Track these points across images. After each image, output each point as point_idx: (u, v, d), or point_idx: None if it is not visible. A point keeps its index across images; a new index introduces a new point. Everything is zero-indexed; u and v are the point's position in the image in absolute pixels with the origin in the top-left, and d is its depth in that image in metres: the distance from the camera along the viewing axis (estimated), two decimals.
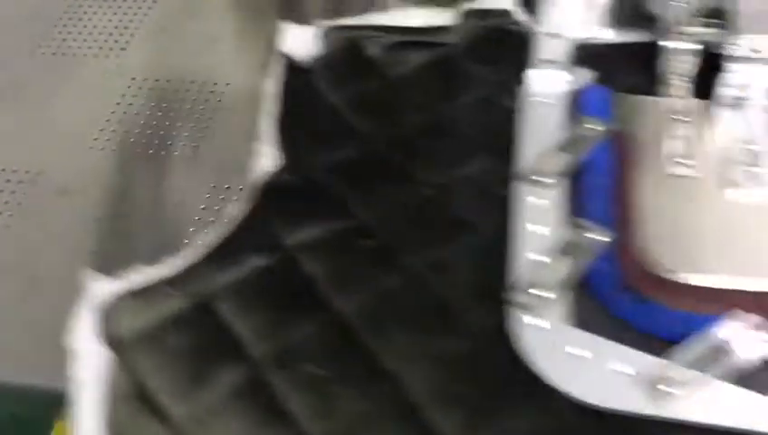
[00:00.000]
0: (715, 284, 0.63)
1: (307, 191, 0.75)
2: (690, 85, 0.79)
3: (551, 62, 0.82)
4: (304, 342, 0.64)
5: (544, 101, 0.79)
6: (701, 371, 0.58)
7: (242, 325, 0.65)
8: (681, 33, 0.78)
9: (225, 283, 0.68)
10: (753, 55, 0.73)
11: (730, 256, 0.65)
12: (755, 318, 0.59)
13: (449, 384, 0.60)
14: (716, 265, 0.64)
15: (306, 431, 0.59)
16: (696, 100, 0.78)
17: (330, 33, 0.88)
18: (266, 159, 0.76)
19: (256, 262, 0.69)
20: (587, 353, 0.60)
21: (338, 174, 0.76)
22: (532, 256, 0.66)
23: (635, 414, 0.57)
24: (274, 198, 0.74)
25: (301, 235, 0.71)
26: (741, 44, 0.73)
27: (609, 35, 0.86)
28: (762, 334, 0.58)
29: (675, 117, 0.76)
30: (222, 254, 0.70)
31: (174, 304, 0.66)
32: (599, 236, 0.67)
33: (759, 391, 0.57)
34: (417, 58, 0.87)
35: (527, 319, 0.63)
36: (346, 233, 0.71)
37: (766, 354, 0.58)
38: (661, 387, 0.57)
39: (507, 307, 0.64)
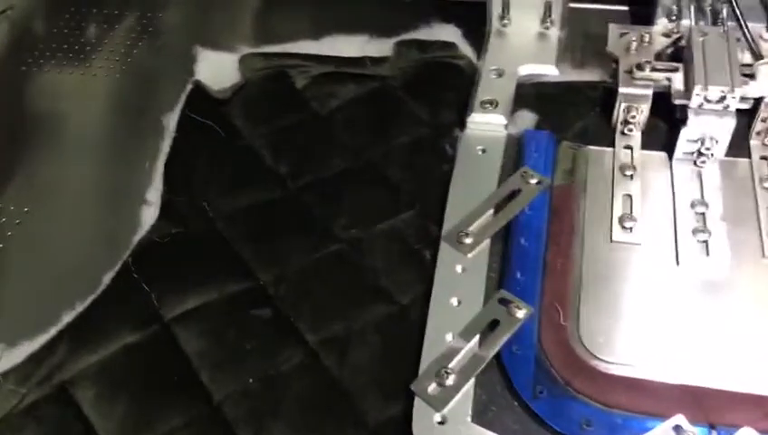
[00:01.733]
0: (639, 375, 0.55)
1: (198, 247, 0.67)
2: (641, 135, 0.71)
3: (492, 103, 0.73)
4: None
5: (482, 148, 0.71)
6: None
7: (102, 418, 0.57)
8: (637, 78, 0.70)
9: (87, 365, 0.59)
10: (711, 106, 0.65)
11: (673, 347, 0.57)
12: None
13: None
14: (643, 353, 0.56)
15: None
16: (649, 152, 0.69)
17: (252, 61, 0.80)
18: (152, 209, 0.68)
19: (126, 338, 0.61)
20: None
21: (240, 224, 0.68)
22: (447, 336, 0.58)
23: None
24: (156, 258, 0.66)
25: (182, 303, 0.63)
26: (699, 94, 0.65)
27: (559, 74, 0.77)
28: None
29: (624, 172, 0.68)
30: (87, 330, 0.61)
31: (22, 397, 0.58)
32: (522, 313, 0.59)
33: None
34: (348, 92, 0.79)
35: (429, 413, 0.54)
36: (238, 299, 0.63)
37: None
38: None
39: (410, 398, 0.56)
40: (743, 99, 0.65)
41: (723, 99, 0.64)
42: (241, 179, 0.71)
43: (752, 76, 0.66)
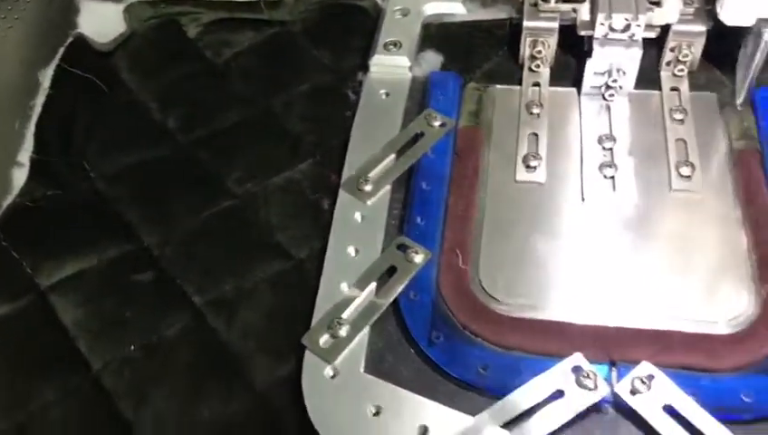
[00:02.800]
0: (539, 316, 0.52)
1: (77, 210, 0.62)
2: (548, 71, 0.67)
3: (396, 45, 0.70)
4: (48, 414, 0.52)
5: (385, 92, 0.67)
6: (521, 430, 0.47)
7: None
8: (543, 11, 0.66)
9: None
10: (616, 36, 0.62)
11: (572, 286, 0.54)
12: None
13: None
14: (545, 294, 0.53)
15: None
16: (558, 89, 0.66)
17: (138, 10, 0.75)
18: (24, 171, 0.63)
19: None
20: (382, 413, 0.49)
21: (125, 184, 0.64)
22: (342, 286, 0.55)
23: None
24: (30, 224, 0.61)
25: (59, 270, 0.58)
26: (603, 23, 0.61)
27: (465, 12, 0.73)
28: (595, 379, 0.47)
29: (530, 110, 0.65)
30: None
31: None
32: (420, 258, 0.55)
33: None
34: (244, 40, 0.75)
35: (319, 367, 0.51)
36: (119, 264, 0.59)
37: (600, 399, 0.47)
38: None
39: (302, 356, 0.52)
40: (648, 27, 0.62)
41: (628, 27, 0.61)
42: (126, 136, 0.67)
43: (657, 3, 0.63)
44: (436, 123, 0.64)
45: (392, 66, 0.68)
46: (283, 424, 0.50)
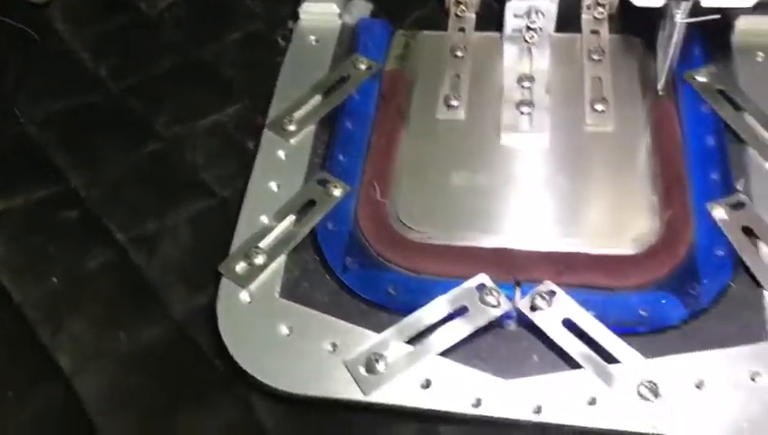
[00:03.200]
0: (451, 243, 0.53)
1: (7, 154, 0.63)
2: (474, 16, 0.69)
3: None
4: None
5: (314, 38, 0.68)
6: (418, 346, 0.48)
7: None
8: None
9: None
10: None
11: (480, 213, 0.55)
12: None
13: (125, 382, 0.50)
14: (458, 223, 0.55)
15: None
16: (480, 33, 0.68)
17: None
18: None
19: None
20: (294, 332, 0.50)
21: (55, 129, 0.65)
22: (262, 218, 0.56)
23: (334, 401, 0.47)
24: None
25: None
26: None
27: None
28: (498, 296, 0.49)
29: (455, 54, 0.66)
30: None
31: None
32: (338, 192, 0.57)
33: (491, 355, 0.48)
34: None
35: (235, 292, 0.52)
36: (45, 204, 0.60)
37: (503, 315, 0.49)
38: (365, 368, 0.48)
39: (218, 282, 0.54)
40: None
41: None
42: (57, 84, 0.68)
43: None
44: (363, 67, 0.65)
45: (322, 13, 0.69)
46: (201, 350, 0.51)
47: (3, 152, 0.63)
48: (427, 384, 0.47)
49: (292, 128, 0.62)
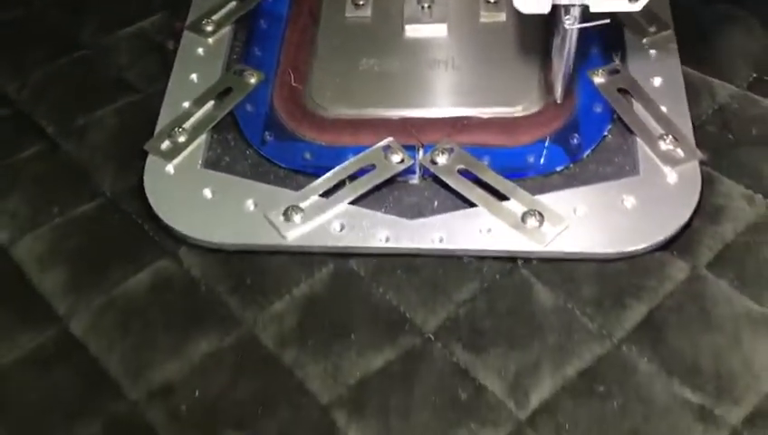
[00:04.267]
0: (361, 116, 0.58)
1: None
2: None
3: None
4: None
5: None
6: (331, 197, 0.53)
7: None
8: None
9: None
10: None
11: (384, 89, 0.60)
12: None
13: (59, 246, 0.54)
14: (367, 100, 0.59)
15: None
16: None
17: None
18: None
19: None
20: (217, 194, 0.55)
21: None
22: (184, 104, 0.60)
23: (257, 248, 0.52)
24: None
25: None
26: None
27: None
28: (401, 154, 0.54)
29: None
30: None
31: None
32: (254, 79, 0.61)
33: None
34: None
35: (160, 166, 0.56)
36: None
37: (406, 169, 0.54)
38: (284, 217, 0.52)
39: (145, 159, 0.58)
40: None
41: None
42: None
43: None
44: None
45: None
46: (131, 218, 0.55)
47: None
48: (340, 228, 0.52)
49: (209, 28, 0.66)
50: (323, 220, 0.52)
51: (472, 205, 0.52)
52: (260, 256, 0.52)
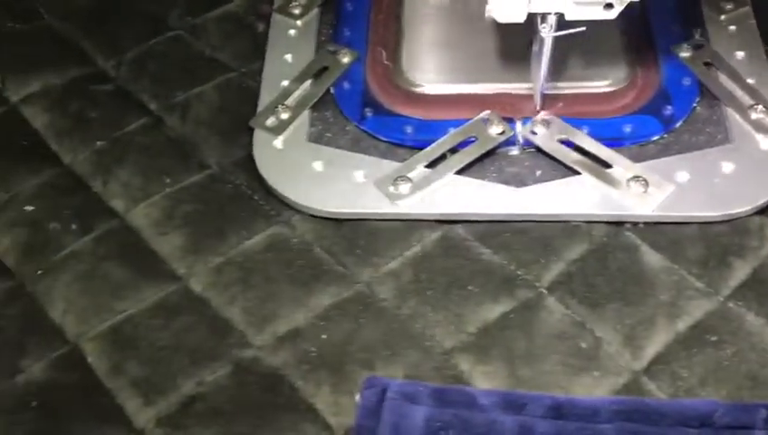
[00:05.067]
0: (456, 91, 0.61)
1: (38, 39, 0.68)
2: None
3: None
4: (23, 192, 0.59)
5: None
6: (437, 168, 0.56)
7: None
8: None
9: None
10: None
11: (475, 67, 0.62)
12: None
13: (173, 212, 0.56)
14: (460, 75, 0.62)
15: (11, 269, 0.54)
16: None
17: None
18: None
19: None
20: (327, 166, 0.57)
21: (74, 20, 0.70)
22: (282, 82, 0.62)
23: (369, 216, 0.55)
24: None
25: (26, 86, 0.65)
26: None
27: None
28: (502, 126, 0.57)
29: None
30: None
31: None
32: (348, 58, 0.64)
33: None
34: None
35: (268, 141, 0.59)
36: (80, 80, 0.65)
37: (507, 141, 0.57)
38: (393, 187, 0.55)
39: (251, 134, 0.60)
40: None
41: None
42: None
43: None
44: None
45: None
46: (240, 189, 0.57)
47: (32, 38, 0.68)
48: (448, 196, 0.54)
49: (297, 11, 0.68)
50: (432, 189, 0.55)
51: (575, 173, 0.54)
52: (371, 223, 0.54)
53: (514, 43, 0.63)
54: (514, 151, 0.57)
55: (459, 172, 0.56)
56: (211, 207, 0.57)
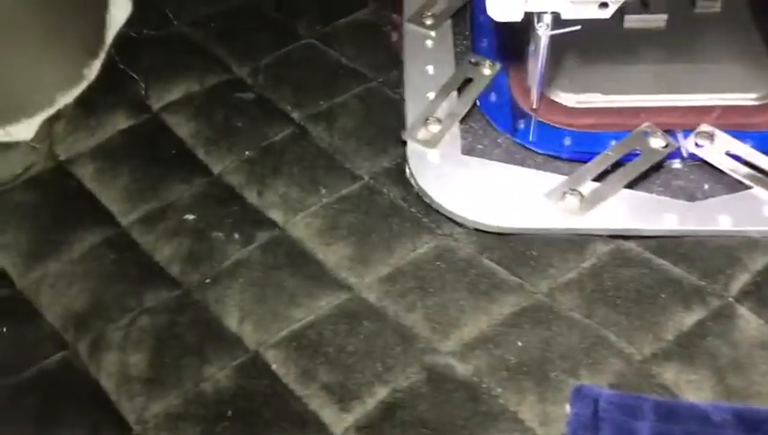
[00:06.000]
0: (608, 103, 0.61)
1: (173, 46, 0.68)
2: None
3: None
4: (179, 201, 0.58)
5: None
6: (606, 182, 0.55)
7: (104, 188, 0.59)
8: None
9: (86, 145, 0.61)
10: None
11: (624, 78, 0.62)
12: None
13: (335, 223, 0.56)
14: (609, 87, 0.62)
15: (176, 278, 0.54)
16: None
17: None
18: (120, 10, 0.68)
19: (120, 123, 0.63)
20: (486, 179, 0.57)
21: (206, 29, 0.70)
22: (429, 95, 0.62)
23: (541, 231, 0.54)
24: (137, 55, 0.67)
25: (168, 93, 0.65)
26: None
27: None
28: (665, 138, 0.57)
29: None
30: (82, 115, 0.63)
31: (30, 163, 0.60)
32: (491, 69, 0.64)
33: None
34: None
35: (422, 154, 0.59)
36: (220, 88, 0.65)
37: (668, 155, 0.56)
38: (563, 201, 0.55)
39: (401, 147, 0.60)
40: None
41: None
42: None
43: None
44: None
45: None
46: (394, 202, 0.57)
47: (169, 46, 0.68)
48: (621, 211, 0.54)
49: (430, 22, 0.68)
50: (603, 204, 0.54)
51: (743, 186, 0.54)
52: (539, 236, 0.54)
53: (651, 57, 0.63)
54: (677, 164, 0.57)
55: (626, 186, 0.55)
56: (372, 218, 0.57)
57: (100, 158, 0.61)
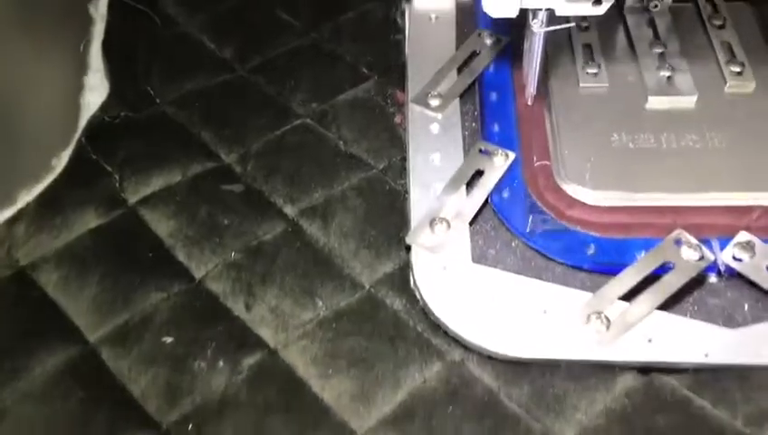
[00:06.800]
0: (634, 202, 0.55)
1: (151, 130, 0.62)
2: None
3: None
4: (156, 315, 0.52)
5: (434, 16, 0.69)
6: (635, 303, 0.49)
7: (70, 299, 0.53)
8: None
9: (50, 248, 0.55)
10: None
11: (656, 172, 0.56)
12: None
13: (334, 350, 0.50)
14: (637, 184, 0.56)
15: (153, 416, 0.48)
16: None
17: None
18: (95, 94, 0.62)
19: (90, 222, 0.57)
20: (500, 296, 0.51)
21: (191, 108, 0.64)
22: (435, 189, 0.56)
23: (562, 362, 0.48)
24: (111, 142, 0.61)
25: (146, 185, 0.59)
26: None
27: None
28: (699, 250, 0.51)
29: (579, 26, 0.67)
30: (47, 213, 0.57)
31: None
32: (504, 160, 0.58)
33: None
34: None
35: (427, 261, 0.53)
36: (204, 179, 0.59)
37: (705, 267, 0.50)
38: (588, 325, 0.48)
39: (403, 251, 0.54)
40: None
41: None
42: (184, 66, 0.67)
43: None
44: (489, 41, 0.66)
45: None
46: (397, 316, 0.51)
47: (149, 129, 0.62)
48: (649, 339, 0.48)
49: (435, 103, 0.62)
50: (631, 330, 0.48)
51: None
52: (562, 369, 0.48)
53: (681, 145, 0.57)
54: (713, 278, 0.51)
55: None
56: (375, 343, 0.51)
57: (67, 262, 0.54)
